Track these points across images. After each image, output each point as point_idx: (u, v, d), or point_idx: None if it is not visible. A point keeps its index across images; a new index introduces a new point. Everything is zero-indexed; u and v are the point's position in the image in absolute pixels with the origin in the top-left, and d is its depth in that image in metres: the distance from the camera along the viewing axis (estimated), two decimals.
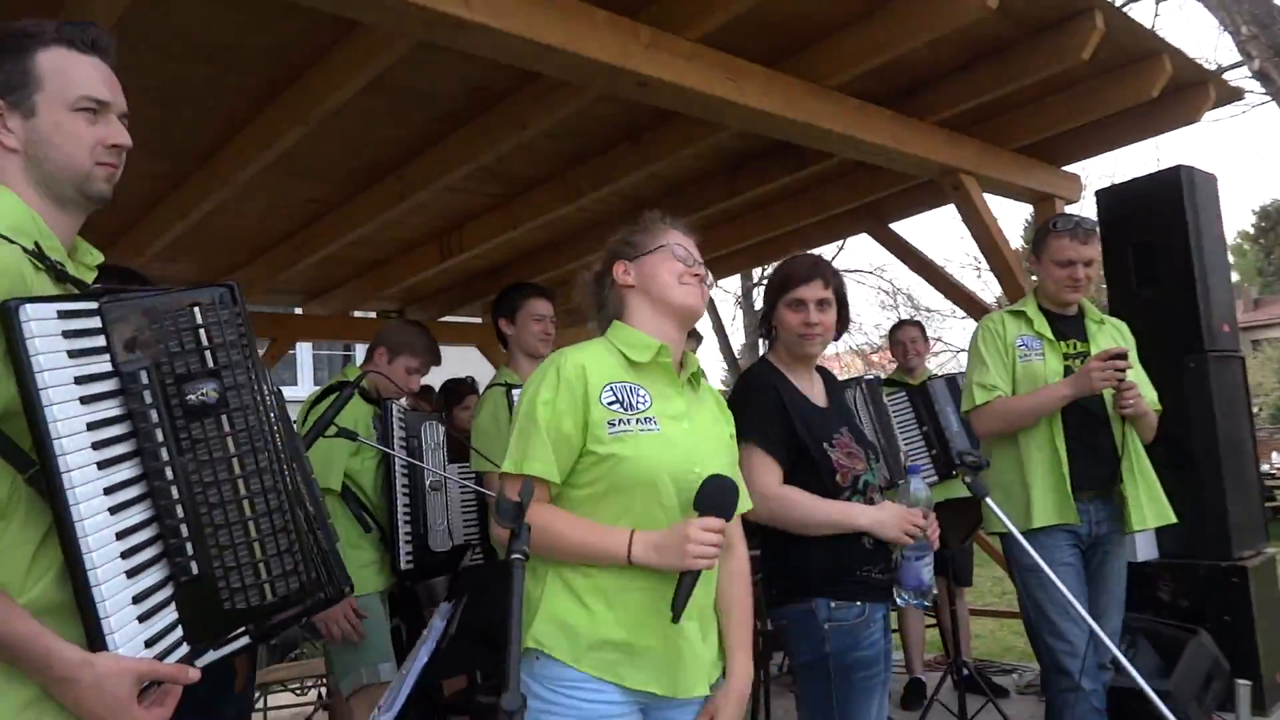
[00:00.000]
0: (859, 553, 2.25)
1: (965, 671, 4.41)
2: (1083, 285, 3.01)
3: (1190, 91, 4.34)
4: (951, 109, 3.99)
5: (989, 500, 2.27)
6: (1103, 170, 19.98)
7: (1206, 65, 5.18)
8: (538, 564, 1.77)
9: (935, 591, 2.40)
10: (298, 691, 5.20)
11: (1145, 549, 4.27)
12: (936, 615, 5.32)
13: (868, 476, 2.34)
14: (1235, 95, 4.62)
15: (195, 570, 1.35)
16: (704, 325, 15.87)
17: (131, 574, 1.30)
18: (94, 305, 1.32)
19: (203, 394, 1.38)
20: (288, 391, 10.31)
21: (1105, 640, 2.16)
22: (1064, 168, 4.96)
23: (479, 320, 7.11)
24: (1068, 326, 3.06)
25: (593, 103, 3.47)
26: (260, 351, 6.44)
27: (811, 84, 3.46)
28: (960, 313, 13.09)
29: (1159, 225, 4.29)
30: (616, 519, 1.74)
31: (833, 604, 2.22)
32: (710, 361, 21.71)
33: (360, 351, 8.58)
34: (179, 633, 1.34)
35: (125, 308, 1.35)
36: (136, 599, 1.30)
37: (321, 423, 2.52)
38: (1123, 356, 2.81)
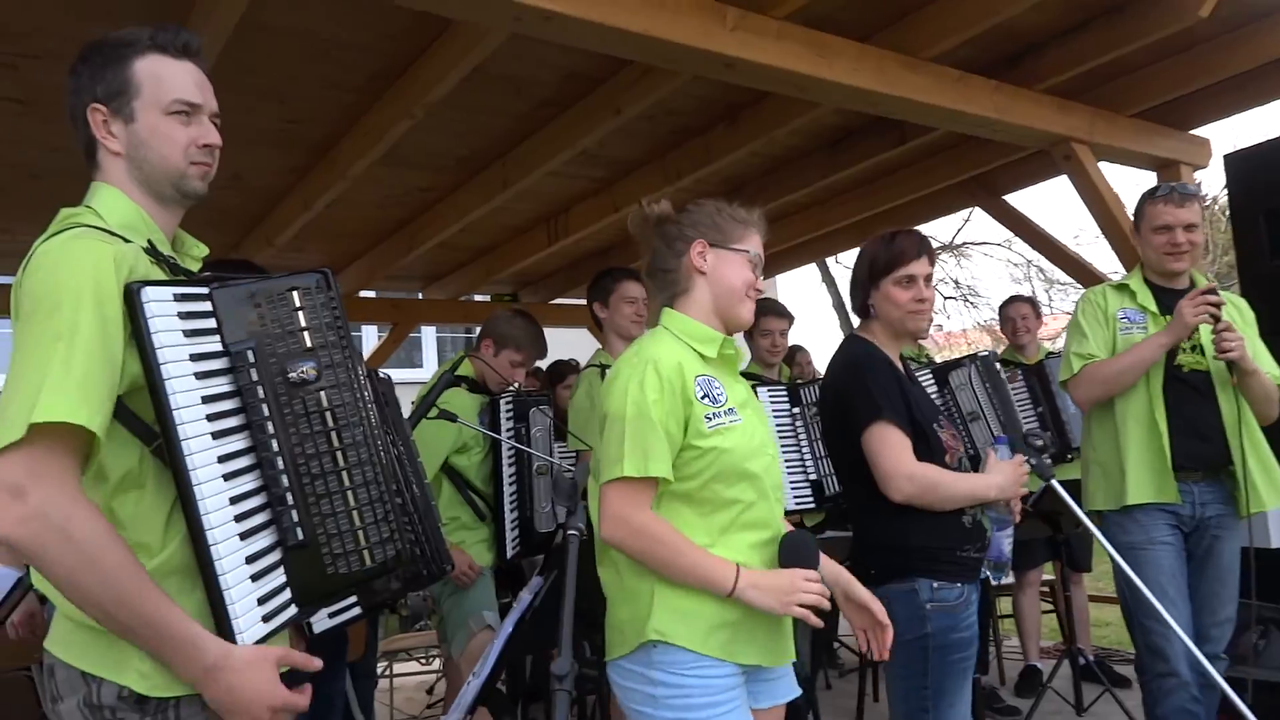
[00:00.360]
0: (959, 532, 2.25)
1: (1083, 660, 4.29)
2: (1185, 251, 2.89)
3: None
4: (1061, 75, 3.84)
5: (1054, 483, 2.22)
6: (1240, 132, 18.50)
7: None
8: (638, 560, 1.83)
9: (1009, 564, 2.37)
10: (423, 660, 5.48)
11: None
12: (1054, 601, 5.17)
13: (964, 455, 2.34)
14: None
15: (300, 536, 1.47)
16: (825, 302, 15.49)
17: (244, 537, 1.42)
18: (205, 290, 1.46)
19: (302, 372, 1.51)
20: (412, 373, 10.73)
21: (1180, 633, 2.11)
22: (1192, 131, 4.71)
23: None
24: (1173, 300, 2.93)
25: (686, 84, 3.51)
26: (384, 335, 6.76)
27: (907, 57, 3.40)
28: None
29: None
30: (719, 508, 1.84)
31: (935, 585, 2.22)
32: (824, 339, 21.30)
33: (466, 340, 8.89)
34: (288, 594, 1.46)
35: (232, 292, 1.49)
36: (249, 559, 1.42)
37: (424, 405, 2.67)
38: (1213, 293, 2.69)
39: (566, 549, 1.46)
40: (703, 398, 1.84)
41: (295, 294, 1.53)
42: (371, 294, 7.49)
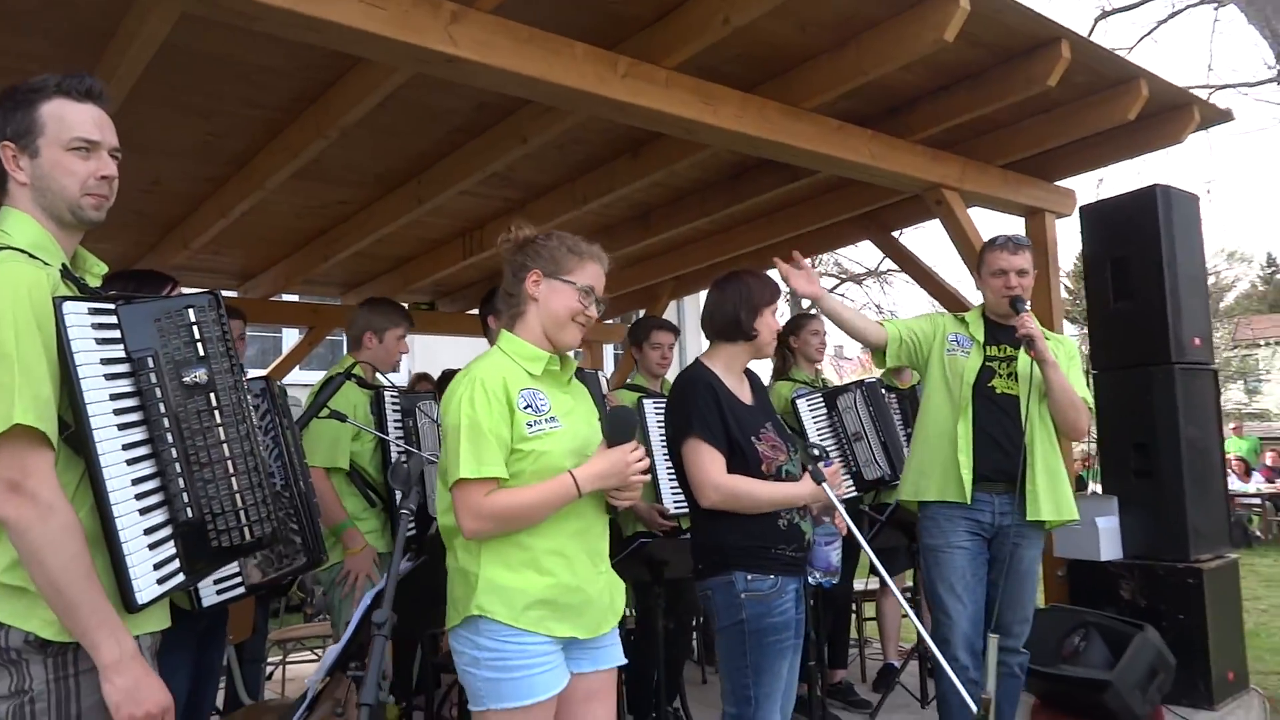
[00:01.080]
0: (774, 532, 2.56)
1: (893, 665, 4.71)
2: (1016, 291, 3.26)
3: (1173, 114, 4.53)
4: (932, 128, 4.22)
5: (825, 487, 2.51)
6: (1125, 183, 19.51)
7: (1197, 89, 5.30)
8: (471, 544, 2.10)
9: (839, 572, 2.69)
10: (317, 651, 5.61)
11: (1109, 548, 4.50)
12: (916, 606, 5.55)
13: (789, 466, 2.65)
14: (1224, 117, 4.77)
15: (190, 515, 1.71)
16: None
17: (143, 512, 1.67)
18: (110, 307, 1.69)
19: (195, 376, 1.75)
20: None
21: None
22: (1058, 183, 5.17)
23: None
24: (1003, 334, 3.33)
25: (588, 119, 3.79)
26: (301, 336, 6.86)
27: (788, 106, 3.75)
28: None
29: (1135, 242, 4.49)
30: None
31: (749, 577, 2.53)
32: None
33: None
34: (178, 563, 1.70)
35: (136, 308, 1.73)
36: (147, 531, 1.67)
37: (315, 405, 2.89)
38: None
39: (399, 523, 1.73)
40: (525, 407, 2.12)
41: (190, 311, 1.78)
42: (295, 298, 7.64)
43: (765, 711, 2.53)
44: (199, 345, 1.75)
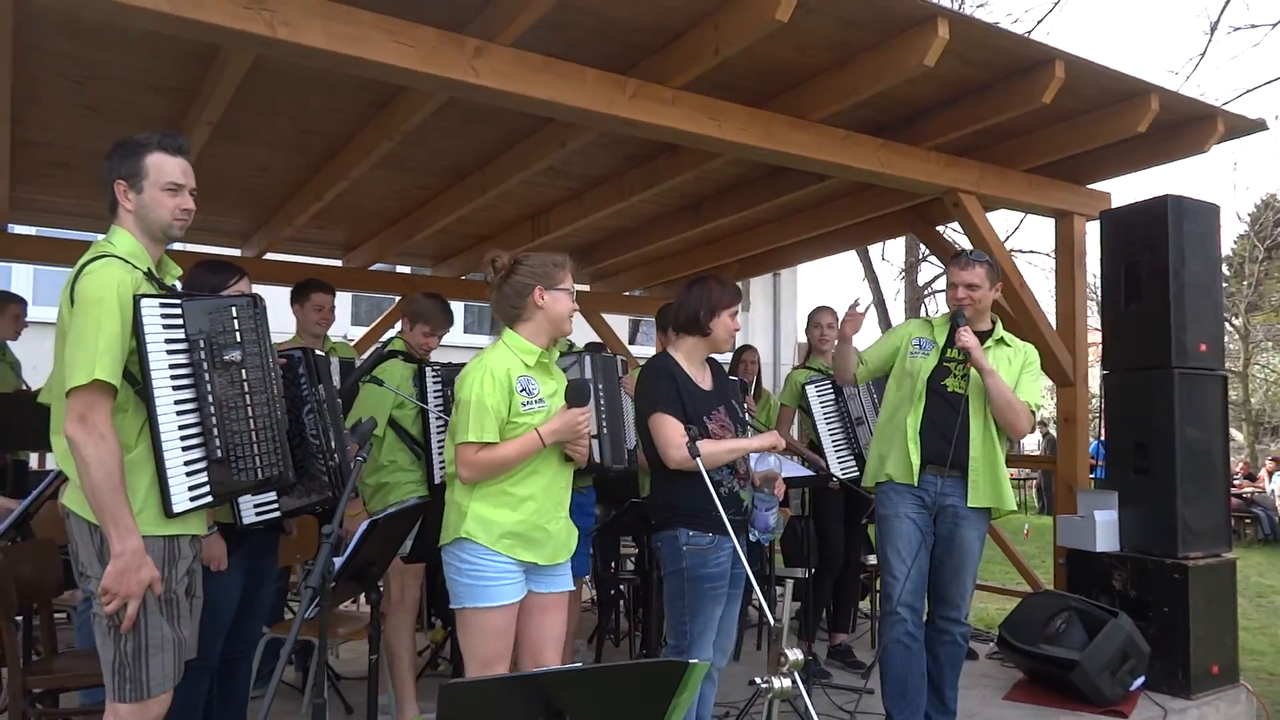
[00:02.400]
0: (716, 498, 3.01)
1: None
2: (965, 303, 3.59)
3: (1195, 124, 4.67)
4: (946, 135, 4.51)
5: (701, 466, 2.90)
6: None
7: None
8: (466, 486, 2.73)
9: (779, 532, 3.16)
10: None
11: (1105, 540, 4.74)
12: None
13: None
14: (1256, 127, 4.84)
15: (219, 454, 2.34)
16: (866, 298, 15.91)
17: (185, 449, 2.31)
18: (177, 302, 2.33)
19: (231, 355, 2.36)
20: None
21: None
22: (1091, 186, 5.34)
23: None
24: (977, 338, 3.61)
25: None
26: (397, 302, 7.61)
27: (795, 119, 4.13)
28: None
29: (1146, 248, 4.66)
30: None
31: (691, 533, 3.02)
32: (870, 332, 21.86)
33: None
34: (208, 488, 2.34)
35: (195, 304, 2.36)
36: (186, 463, 2.31)
37: (358, 373, 3.51)
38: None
39: (351, 471, 2.35)
40: (521, 390, 2.75)
41: (234, 309, 2.41)
42: (406, 269, 8.47)
43: (699, 646, 3.02)
44: (237, 334, 2.39)
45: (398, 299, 7.72)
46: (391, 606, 3.81)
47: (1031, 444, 17.72)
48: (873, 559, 5.69)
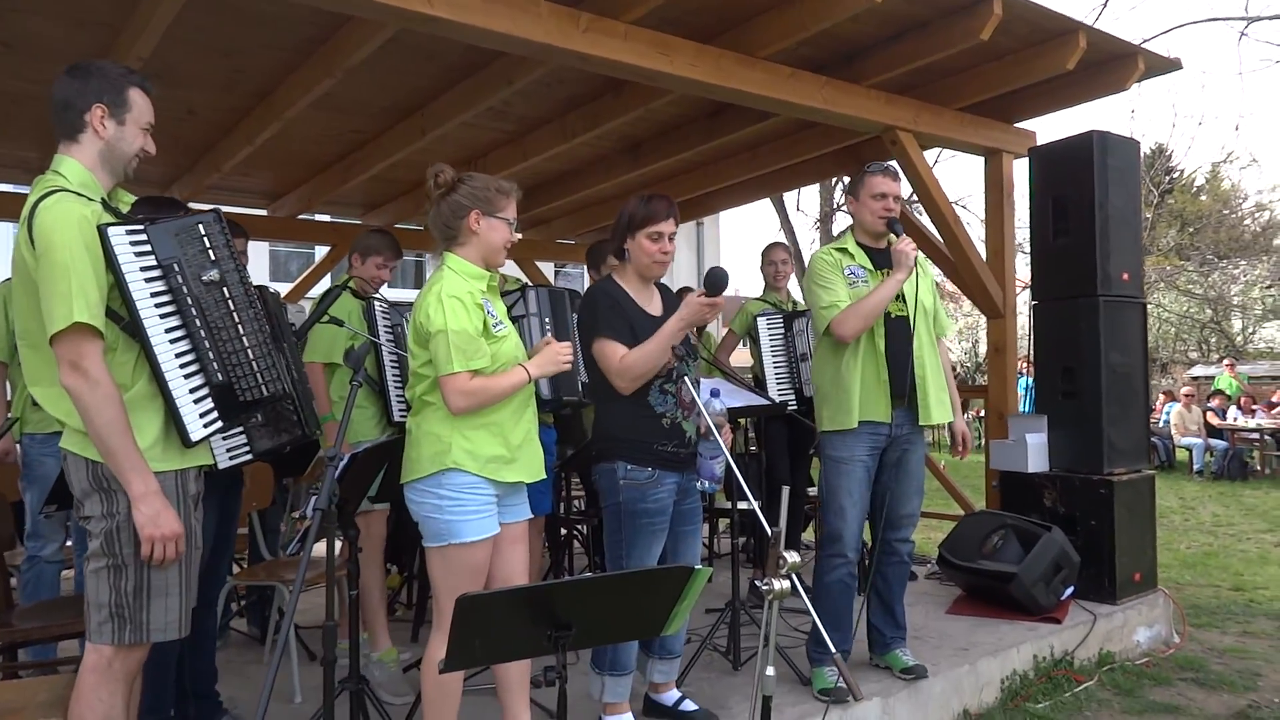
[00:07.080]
0: (658, 430, 3.00)
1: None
2: (895, 214, 3.62)
3: (1117, 63, 4.87)
4: (886, 74, 4.62)
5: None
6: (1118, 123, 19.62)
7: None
8: (448, 417, 2.63)
9: (721, 480, 3.16)
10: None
11: (1036, 461, 5.00)
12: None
13: (681, 369, 2.98)
14: (1171, 66, 5.08)
15: (220, 378, 2.29)
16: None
17: (186, 377, 2.25)
18: (141, 228, 2.25)
19: (210, 275, 2.30)
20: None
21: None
22: (1019, 124, 5.53)
23: None
24: (880, 258, 3.66)
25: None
26: (324, 253, 7.45)
27: (743, 55, 4.16)
28: None
29: (1072, 182, 4.87)
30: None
31: (630, 466, 2.97)
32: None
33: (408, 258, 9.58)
34: (216, 413, 2.29)
35: (160, 226, 2.28)
36: (191, 391, 2.26)
37: (316, 313, 3.45)
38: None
39: (353, 392, 2.33)
40: (489, 314, 2.68)
41: (200, 226, 2.33)
42: (326, 218, 8.22)
43: None
44: (209, 252, 2.32)
45: (326, 250, 7.55)
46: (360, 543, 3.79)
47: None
48: (813, 490, 5.89)
